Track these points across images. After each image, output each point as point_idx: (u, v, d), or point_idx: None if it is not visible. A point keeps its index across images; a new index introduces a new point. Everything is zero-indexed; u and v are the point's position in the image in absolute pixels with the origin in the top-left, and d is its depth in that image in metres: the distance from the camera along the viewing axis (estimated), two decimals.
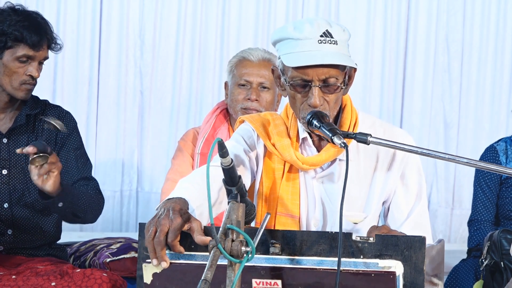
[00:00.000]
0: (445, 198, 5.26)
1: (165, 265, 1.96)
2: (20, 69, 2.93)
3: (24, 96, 2.96)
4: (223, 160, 1.89)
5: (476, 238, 3.62)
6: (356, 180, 2.41)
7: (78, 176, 3.06)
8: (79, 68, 4.81)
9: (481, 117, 5.28)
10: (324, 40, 2.26)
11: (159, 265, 1.96)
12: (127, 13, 4.85)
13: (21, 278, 2.77)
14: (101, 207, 3.08)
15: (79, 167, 3.08)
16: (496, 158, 3.62)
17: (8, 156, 3.00)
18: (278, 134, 2.43)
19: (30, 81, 2.94)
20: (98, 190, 3.09)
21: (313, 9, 5.11)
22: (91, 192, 3.04)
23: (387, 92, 5.20)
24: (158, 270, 1.98)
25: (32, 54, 2.92)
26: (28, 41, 2.90)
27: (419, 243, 1.89)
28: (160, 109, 4.91)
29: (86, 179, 3.08)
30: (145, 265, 1.99)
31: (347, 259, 1.92)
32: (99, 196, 3.08)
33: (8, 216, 3.00)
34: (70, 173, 3.05)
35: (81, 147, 3.13)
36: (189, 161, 3.50)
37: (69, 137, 3.09)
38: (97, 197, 3.06)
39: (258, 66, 3.42)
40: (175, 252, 1.97)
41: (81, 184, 3.04)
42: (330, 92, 2.30)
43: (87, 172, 3.10)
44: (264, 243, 1.96)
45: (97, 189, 3.10)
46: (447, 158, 2.22)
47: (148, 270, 1.99)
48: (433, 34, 5.23)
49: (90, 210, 3.00)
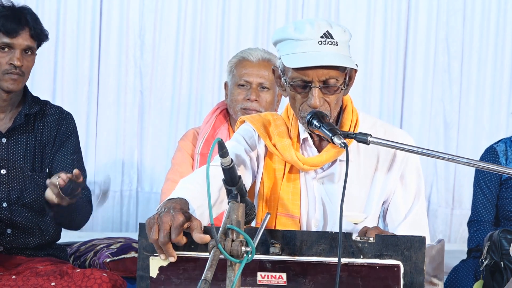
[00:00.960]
0: (445, 198, 5.26)
1: (173, 259, 1.96)
2: (2, 58, 2.93)
3: (11, 87, 2.95)
4: (223, 160, 1.89)
5: (476, 238, 3.62)
6: (356, 180, 2.41)
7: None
8: (79, 68, 4.81)
9: (481, 117, 5.28)
10: (325, 41, 2.26)
11: (167, 259, 1.96)
12: (127, 13, 4.85)
13: (21, 278, 2.77)
14: (88, 218, 3.11)
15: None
16: (496, 159, 3.62)
17: (7, 156, 3.00)
18: (279, 134, 2.43)
19: (13, 70, 2.93)
20: (89, 201, 3.11)
21: (313, 9, 5.11)
22: (84, 202, 3.05)
23: (387, 92, 5.20)
24: (165, 264, 1.98)
25: (9, 42, 2.92)
26: (4, 28, 2.91)
27: (419, 243, 1.89)
28: (160, 109, 4.91)
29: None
30: (152, 258, 1.99)
31: (347, 259, 1.92)
32: (89, 207, 3.10)
33: (7, 216, 3.00)
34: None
35: (78, 151, 3.13)
36: (189, 161, 3.50)
37: (68, 139, 3.09)
38: (87, 208, 3.08)
39: (258, 66, 3.42)
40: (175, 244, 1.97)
41: None
42: (330, 93, 2.30)
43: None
44: (264, 243, 1.96)
45: (89, 199, 3.11)
46: (447, 158, 2.22)
47: (154, 264, 1.99)
48: (433, 34, 5.23)
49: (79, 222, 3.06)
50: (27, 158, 3.02)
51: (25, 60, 2.96)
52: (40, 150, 3.05)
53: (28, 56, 2.98)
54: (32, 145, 3.04)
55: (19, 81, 2.96)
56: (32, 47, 2.98)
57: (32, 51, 2.99)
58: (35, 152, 3.04)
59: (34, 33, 2.97)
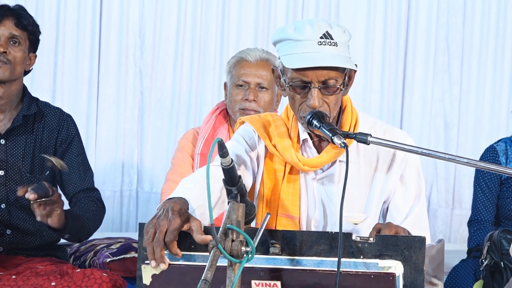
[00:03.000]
0: (445, 198, 5.25)
1: (164, 266, 1.96)
2: None
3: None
4: (223, 160, 1.89)
5: (476, 238, 3.62)
6: (356, 181, 2.41)
7: (80, 186, 3.07)
8: (79, 68, 4.80)
9: (481, 117, 5.27)
10: (324, 42, 2.26)
11: (158, 266, 1.96)
12: (127, 13, 4.85)
13: (21, 278, 2.77)
14: (102, 219, 3.10)
15: (81, 176, 3.08)
16: (496, 159, 3.62)
17: (5, 157, 3.00)
18: (279, 135, 2.43)
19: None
20: (100, 201, 3.11)
21: (313, 9, 5.10)
22: (93, 206, 3.04)
23: (387, 92, 5.20)
24: (157, 272, 1.98)
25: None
26: None
27: (419, 243, 1.89)
28: (160, 109, 4.90)
29: (88, 190, 3.08)
30: (144, 267, 1.99)
31: (347, 259, 1.92)
32: (101, 207, 3.10)
33: (6, 217, 3.00)
34: (72, 182, 3.06)
35: (82, 153, 3.13)
36: (189, 162, 3.50)
37: (71, 144, 3.09)
38: (98, 211, 3.07)
39: (256, 67, 3.42)
40: (171, 253, 1.97)
41: (83, 197, 3.05)
42: (330, 93, 2.30)
43: (89, 182, 3.10)
44: (264, 243, 1.96)
45: (99, 200, 3.11)
46: (447, 158, 2.22)
47: (147, 272, 1.99)
48: (433, 34, 5.23)
49: (94, 228, 3.04)
50: (26, 160, 3.02)
51: (12, 50, 2.95)
52: (40, 152, 3.04)
53: (16, 46, 2.96)
54: (31, 146, 3.03)
55: (4, 69, 2.93)
56: (18, 37, 2.96)
57: (20, 42, 2.97)
58: (34, 154, 3.03)
59: (18, 22, 2.96)
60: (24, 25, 2.98)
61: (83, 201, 3.04)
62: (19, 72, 2.99)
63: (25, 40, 2.99)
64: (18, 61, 2.96)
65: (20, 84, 3.04)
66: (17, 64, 2.96)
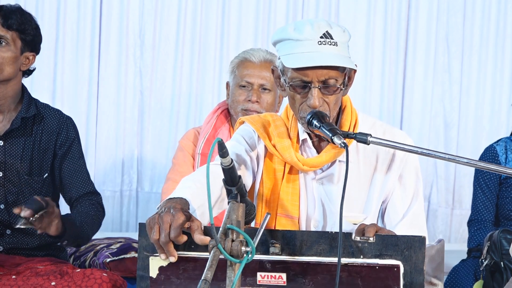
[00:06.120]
0: (445, 198, 5.25)
1: (174, 259, 1.95)
2: None
3: None
4: (223, 160, 1.89)
5: (476, 238, 3.62)
6: (355, 181, 2.41)
7: (83, 190, 3.07)
8: (79, 68, 4.80)
9: (481, 117, 5.27)
10: (324, 42, 2.26)
11: (167, 259, 1.96)
12: (127, 13, 4.85)
13: (21, 278, 2.77)
14: (100, 224, 3.11)
15: (83, 180, 3.08)
16: (496, 158, 3.62)
17: (3, 158, 3.00)
18: (279, 135, 2.43)
19: None
20: (101, 205, 3.11)
21: (313, 9, 5.10)
22: (93, 210, 3.05)
23: (387, 92, 5.20)
24: (165, 264, 1.98)
25: None
26: None
27: (419, 243, 1.89)
28: (160, 109, 4.90)
29: (90, 193, 3.09)
30: (152, 258, 1.99)
31: (347, 259, 1.92)
32: (101, 211, 3.10)
33: (5, 218, 3.01)
34: (75, 186, 3.06)
35: (82, 156, 3.13)
36: (189, 161, 3.50)
37: (71, 146, 3.08)
38: (98, 215, 3.08)
39: (260, 68, 3.42)
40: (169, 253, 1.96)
41: (85, 200, 3.06)
42: (330, 93, 2.30)
43: (91, 186, 3.11)
44: (264, 243, 1.96)
45: (100, 204, 3.11)
46: (447, 158, 2.22)
47: (154, 264, 1.99)
48: (433, 34, 5.23)
49: (92, 233, 3.04)
50: (24, 162, 3.01)
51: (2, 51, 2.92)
52: (39, 154, 3.04)
53: (3, 46, 2.93)
54: (30, 148, 3.03)
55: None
56: (5, 37, 2.93)
57: (8, 42, 2.94)
58: (33, 155, 3.03)
59: (4, 22, 2.93)
60: (10, 25, 2.94)
61: (84, 205, 3.04)
62: (9, 72, 2.95)
63: (14, 40, 2.96)
64: (6, 62, 2.93)
65: (18, 85, 3.02)
66: (5, 65, 2.93)
